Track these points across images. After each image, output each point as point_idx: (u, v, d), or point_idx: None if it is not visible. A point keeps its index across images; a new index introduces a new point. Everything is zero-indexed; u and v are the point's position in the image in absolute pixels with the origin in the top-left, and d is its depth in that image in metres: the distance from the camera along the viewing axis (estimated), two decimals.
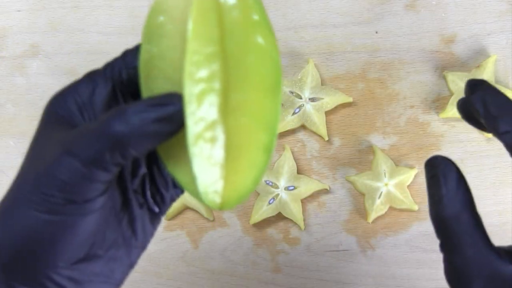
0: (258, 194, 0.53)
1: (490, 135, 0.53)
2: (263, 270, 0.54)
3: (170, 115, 0.26)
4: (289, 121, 0.53)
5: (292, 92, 0.53)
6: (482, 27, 0.54)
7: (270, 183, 0.53)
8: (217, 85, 0.26)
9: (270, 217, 0.54)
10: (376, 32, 0.54)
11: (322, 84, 0.53)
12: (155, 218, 0.33)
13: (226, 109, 0.27)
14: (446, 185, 0.32)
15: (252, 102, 0.27)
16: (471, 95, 0.33)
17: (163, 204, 0.33)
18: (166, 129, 0.26)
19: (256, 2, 0.27)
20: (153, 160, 0.33)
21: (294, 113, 0.53)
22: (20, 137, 0.55)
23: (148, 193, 0.32)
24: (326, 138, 0.53)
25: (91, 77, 0.31)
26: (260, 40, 0.26)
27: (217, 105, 0.26)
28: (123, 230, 0.31)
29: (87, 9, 0.55)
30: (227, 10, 0.27)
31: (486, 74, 0.52)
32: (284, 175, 0.53)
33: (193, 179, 0.26)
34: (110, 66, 0.32)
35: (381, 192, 0.52)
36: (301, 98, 0.53)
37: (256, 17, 0.26)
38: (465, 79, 0.52)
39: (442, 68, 0.54)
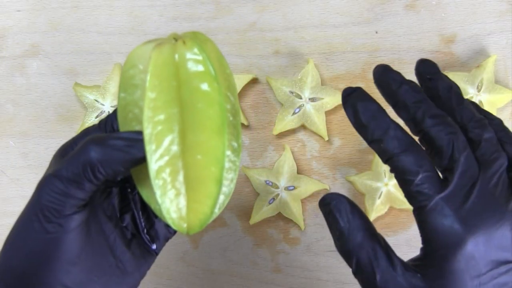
0: (258, 194, 0.53)
1: None
2: (263, 270, 0.54)
3: (133, 145, 0.32)
4: (289, 121, 0.53)
5: (292, 92, 0.53)
6: (482, 27, 0.54)
7: (270, 183, 0.53)
8: (176, 127, 0.31)
9: (270, 217, 0.54)
10: (376, 32, 0.54)
11: (322, 84, 0.53)
12: (149, 255, 0.38)
13: (184, 148, 0.32)
14: (342, 218, 0.33)
15: (204, 142, 0.32)
16: (343, 104, 0.34)
17: (158, 242, 0.38)
18: (130, 157, 0.32)
19: (205, 57, 0.31)
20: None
21: (294, 113, 0.53)
22: (20, 137, 0.55)
23: (144, 231, 0.38)
24: (326, 138, 0.53)
25: (87, 131, 0.37)
26: (206, 88, 0.31)
27: (177, 144, 0.32)
28: (115, 261, 0.36)
29: (87, 9, 0.55)
30: (182, 63, 0.32)
31: (486, 74, 0.52)
32: (284, 175, 0.53)
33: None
34: (104, 120, 0.37)
35: (381, 192, 0.52)
36: (301, 98, 0.53)
37: (201, 68, 0.31)
38: (465, 79, 0.52)
39: (442, 68, 0.54)
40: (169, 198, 0.32)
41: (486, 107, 0.52)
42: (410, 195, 0.32)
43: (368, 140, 0.33)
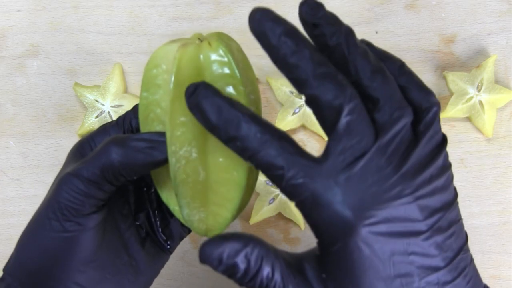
0: (258, 194, 0.53)
1: (490, 135, 0.53)
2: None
3: (156, 146, 0.31)
4: (289, 121, 0.53)
5: (292, 92, 0.53)
6: (482, 27, 0.54)
7: (270, 183, 0.53)
8: (198, 129, 0.30)
9: (270, 217, 0.54)
10: (376, 32, 0.54)
11: None
12: (163, 253, 0.37)
13: (206, 150, 0.31)
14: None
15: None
16: (188, 107, 0.28)
17: (172, 241, 0.37)
18: (151, 159, 0.31)
19: (231, 58, 0.31)
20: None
21: (294, 113, 0.53)
22: (20, 137, 0.55)
23: (159, 230, 0.37)
24: (326, 138, 0.53)
25: (105, 128, 0.36)
26: (232, 91, 0.30)
27: (198, 146, 0.31)
28: (129, 259, 0.35)
29: (87, 9, 0.55)
30: (206, 65, 0.31)
31: (486, 74, 0.52)
32: None
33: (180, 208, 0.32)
34: (122, 117, 0.36)
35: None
36: (301, 98, 0.53)
37: (227, 71, 0.30)
38: (465, 79, 0.52)
39: (442, 68, 0.54)
40: (189, 201, 0.32)
41: (486, 107, 0.52)
42: (285, 192, 0.27)
43: (223, 141, 0.27)
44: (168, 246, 0.38)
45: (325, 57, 0.27)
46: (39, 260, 0.33)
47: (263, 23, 0.28)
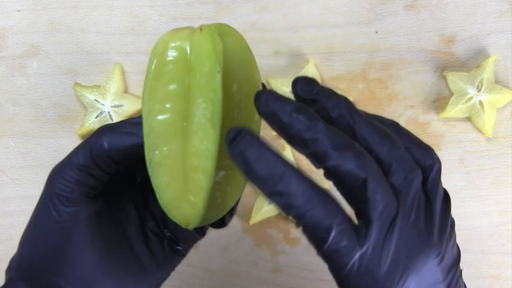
0: (258, 194, 0.53)
1: (490, 135, 0.53)
2: (263, 270, 0.54)
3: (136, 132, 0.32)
4: None
5: (292, 92, 0.53)
6: (482, 27, 0.54)
7: None
8: (178, 117, 0.31)
9: (270, 217, 0.54)
10: (376, 32, 0.54)
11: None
12: (173, 255, 0.37)
13: (184, 139, 0.30)
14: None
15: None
16: (229, 153, 0.28)
17: (184, 243, 0.37)
18: (138, 140, 0.31)
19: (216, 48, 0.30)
20: None
21: None
22: (20, 137, 0.55)
23: (165, 230, 0.36)
24: None
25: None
26: (204, 81, 0.30)
27: (177, 134, 0.31)
28: (133, 257, 0.35)
29: (87, 9, 0.55)
30: (194, 51, 0.31)
31: (486, 74, 0.52)
32: None
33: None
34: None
35: None
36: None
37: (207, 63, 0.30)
38: (465, 79, 0.52)
39: (442, 68, 0.54)
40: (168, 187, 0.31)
41: (486, 107, 0.52)
42: (325, 255, 0.27)
43: (267, 194, 0.27)
44: (179, 248, 0.37)
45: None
46: (39, 254, 0.33)
47: (271, 104, 0.28)
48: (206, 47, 0.30)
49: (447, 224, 0.29)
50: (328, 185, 0.28)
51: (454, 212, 0.53)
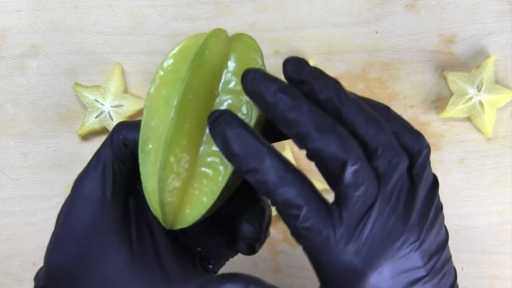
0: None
1: (490, 135, 0.53)
2: (263, 270, 0.54)
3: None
4: None
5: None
6: (482, 27, 0.54)
7: None
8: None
9: None
10: (376, 32, 0.54)
11: None
12: (203, 272, 0.36)
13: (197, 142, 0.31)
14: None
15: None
16: (210, 132, 0.29)
17: (216, 261, 0.36)
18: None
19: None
20: (207, 223, 0.35)
21: None
22: (20, 137, 0.55)
23: (188, 244, 0.36)
24: None
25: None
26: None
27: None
28: (160, 268, 0.34)
29: (87, 9, 0.55)
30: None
31: (486, 74, 0.52)
32: None
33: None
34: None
35: None
36: None
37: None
38: (465, 79, 0.52)
39: (442, 68, 0.54)
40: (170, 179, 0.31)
41: (486, 107, 0.52)
42: (296, 233, 0.27)
43: (242, 171, 0.28)
44: (210, 265, 0.36)
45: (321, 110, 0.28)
46: (65, 261, 0.32)
47: (257, 83, 0.28)
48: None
49: (430, 209, 0.28)
50: (328, 186, 0.28)
51: (454, 212, 0.53)
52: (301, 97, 0.28)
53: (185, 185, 0.31)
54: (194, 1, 0.55)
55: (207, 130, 0.30)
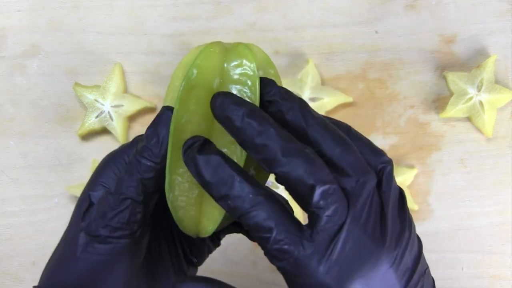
0: None
1: (490, 135, 0.53)
2: (263, 270, 0.54)
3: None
4: None
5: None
6: (482, 27, 0.54)
7: (270, 183, 0.53)
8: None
9: None
10: (376, 32, 0.54)
11: (322, 84, 0.53)
12: (191, 268, 0.37)
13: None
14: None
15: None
16: (184, 159, 0.29)
17: (200, 256, 0.37)
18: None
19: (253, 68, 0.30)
20: None
21: None
22: (20, 137, 0.55)
23: (186, 248, 0.37)
24: None
25: (137, 140, 0.36)
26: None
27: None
28: (152, 277, 0.35)
29: (87, 9, 0.55)
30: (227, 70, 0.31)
31: (486, 74, 0.52)
32: None
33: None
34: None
35: None
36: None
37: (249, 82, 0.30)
38: (465, 79, 0.52)
39: (442, 68, 0.54)
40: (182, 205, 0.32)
41: (486, 107, 0.52)
42: (269, 254, 0.28)
43: (215, 198, 0.28)
44: (196, 261, 0.37)
45: (289, 132, 0.28)
46: (73, 284, 0.33)
47: (225, 107, 0.28)
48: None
49: (402, 223, 0.29)
50: None
51: (454, 212, 0.53)
52: (269, 120, 0.28)
53: (199, 198, 0.32)
54: (194, 1, 0.55)
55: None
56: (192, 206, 0.32)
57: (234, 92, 0.30)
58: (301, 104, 0.29)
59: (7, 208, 0.55)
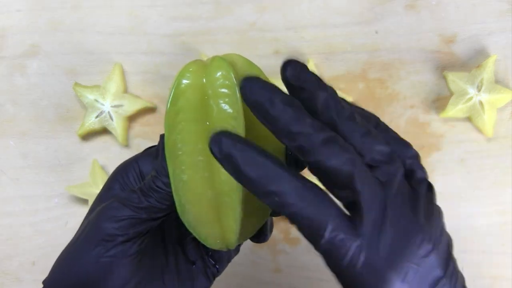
0: None
1: (490, 135, 0.53)
2: (263, 270, 0.54)
3: None
4: None
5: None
6: (482, 27, 0.54)
7: None
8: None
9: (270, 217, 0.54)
10: (376, 32, 0.54)
11: None
12: (211, 273, 0.38)
13: (211, 168, 0.32)
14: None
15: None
16: (216, 157, 0.27)
17: (220, 265, 0.38)
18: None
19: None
20: None
21: None
22: (20, 137, 0.55)
23: (208, 255, 0.37)
24: None
25: (150, 150, 0.37)
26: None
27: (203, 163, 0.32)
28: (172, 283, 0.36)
29: (87, 9, 0.55)
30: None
31: (486, 74, 0.52)
32: None
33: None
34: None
35: None
36: None
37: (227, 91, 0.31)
38: (465, 79, 0.52)
39: (442, 68, 0.54)
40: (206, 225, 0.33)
41: (486, 107, 0.52)
42: (323, 250, 0.27)
43: (259, 196, 0.27)
44: (216, 267, 0.38)
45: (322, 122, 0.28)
46: (79, 281, 0.33)
47: (259, 93, 0.27)
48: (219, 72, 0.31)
49: (433, 210, 0.29)
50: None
51: (454, 212, 0.53)
52: (304, 110, 0.27)
53: (215, 213, 0.32)
54: (194, 1, 0.55)
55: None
56: (211, 223, 0.33)
57: (221, 103, 0.30)
58: (333, 94, 0.28)
59: (7, 208, 0.55)
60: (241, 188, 0.31)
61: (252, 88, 0.28)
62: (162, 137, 0.32)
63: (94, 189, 0.53)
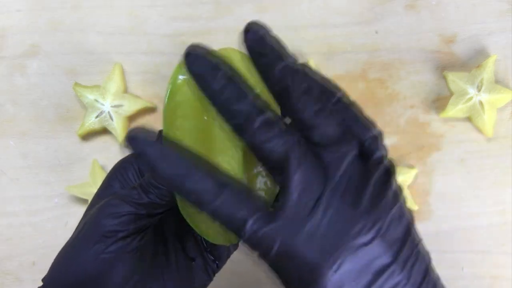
0: None
1: (490, 135, 0.53)
2: (263, 270, 0.54)
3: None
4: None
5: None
6: (482, 27, 0.54)
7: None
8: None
9: None
10: (376, 32, 0.54)
11: None
12: (211, 269, 0.38)
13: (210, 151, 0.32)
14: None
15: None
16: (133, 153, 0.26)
17: (220, 259, 0.38)
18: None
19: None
20: None
21: None
22: (20, 137, 0.55)
23: (207, 251, 0.38)
24: None
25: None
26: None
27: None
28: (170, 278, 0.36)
29: (87, 9, 0.55)
30: None
31: (486, 74, 0.52)
32: None
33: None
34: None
35: None
36: None
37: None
38: (465, 79, 0.52)
39: (442, 68, 0.54)
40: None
41: (486, 107, 0.52)
42: (248, 243, 0.26)
43: (177, 193, 0.27)
44: (216, 264, 0.38)
45: (265, 101, 0.27)
46: (78, 279, 0.33)
47: (202, 64, 0.26)
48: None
49: (384, 194, 0.27)
50: None
51: (454, 212, 0.53)
52: (247, 86, 0.26)
53: None
54: (194, 1, 0.55)
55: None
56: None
57: None
58: (292, 63, 0.27)
59: (7, 208, 0.55)
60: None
61: (196, 57, 0.26)
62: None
63: (94, 189, 0.53)
